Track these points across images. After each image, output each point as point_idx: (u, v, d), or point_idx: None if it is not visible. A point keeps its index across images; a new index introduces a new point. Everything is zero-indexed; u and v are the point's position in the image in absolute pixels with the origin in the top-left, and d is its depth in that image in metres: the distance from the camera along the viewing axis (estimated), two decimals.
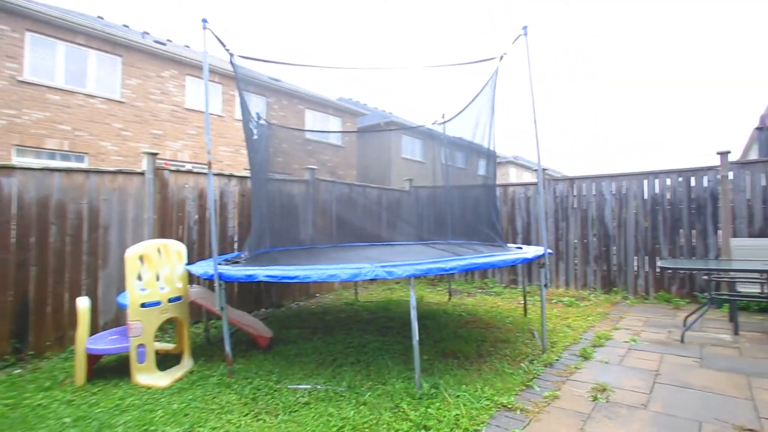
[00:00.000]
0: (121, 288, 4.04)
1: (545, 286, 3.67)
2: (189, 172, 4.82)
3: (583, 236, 6.94)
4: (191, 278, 4.14)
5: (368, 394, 2.76)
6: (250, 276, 2.88)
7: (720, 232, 5.77)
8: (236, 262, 3.80)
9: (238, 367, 3.34)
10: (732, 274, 4.51)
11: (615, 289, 6.52)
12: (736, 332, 4.21)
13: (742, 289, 4.36)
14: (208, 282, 4.68)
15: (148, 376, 3.09)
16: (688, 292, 5.96)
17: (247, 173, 5.27)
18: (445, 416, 2.42)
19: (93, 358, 3.20)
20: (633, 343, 3.95)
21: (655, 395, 2.73)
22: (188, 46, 15.22)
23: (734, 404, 2.58)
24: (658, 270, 6.22)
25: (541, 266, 3.67)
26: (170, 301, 3.33)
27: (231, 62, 3.81)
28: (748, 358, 3.49)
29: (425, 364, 3.37)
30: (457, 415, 2.43)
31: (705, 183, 5.92)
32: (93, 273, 4.09)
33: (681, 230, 6.10)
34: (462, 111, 5.17)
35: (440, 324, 4.86)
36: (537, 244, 7.46)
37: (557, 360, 3.47)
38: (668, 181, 6.22)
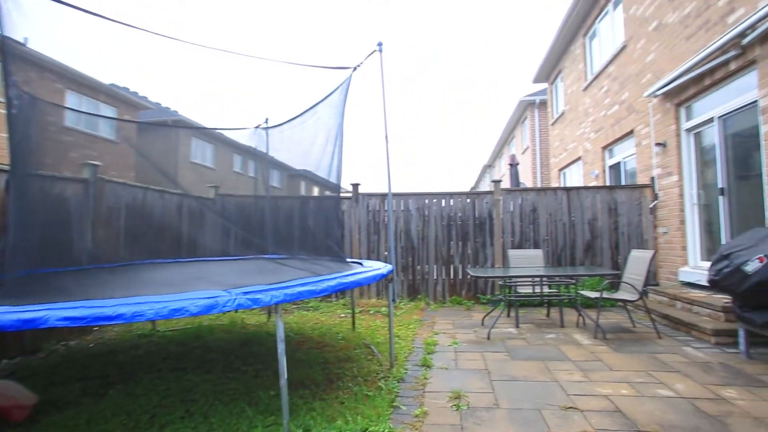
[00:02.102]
0: None
1: (393, 301, 3.74)
2: None
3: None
4: None
5: None
6: (31, 321, 1.86)
7: (495, 243, 7.21)
8: None
9: None
10: (514, 279, 5.62)
11: (419, 296, 7.30)
12: (517, 325, 5.26)
13: (521, 290, 5.52)
14: None
15: None
16: (473, 295, 7.18)
17: None
18: None
19: None
20: (456, 346, 4.43)
21: (498, 393, 3.07)
22: None
23: (549, 387, 3.14)
24: (452, 277, 7.30)
25: (390, 281, 3.73)
26: None
27: None
28: (533, 345, 4.37)
29: (276, 401, 2.91)
30: None
31: (485, 204, 7.33)
32: None
33: (468, 242, 7.35)
34: (299, 116, 4.87)
35: (271, 349, 4.32)
36: (351, 257, 7.73)
37: (406, 373, 3.55)
38: (460, 202, 7.42)
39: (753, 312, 3.53)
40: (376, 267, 3.67)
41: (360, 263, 4.27)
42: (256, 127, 5.80)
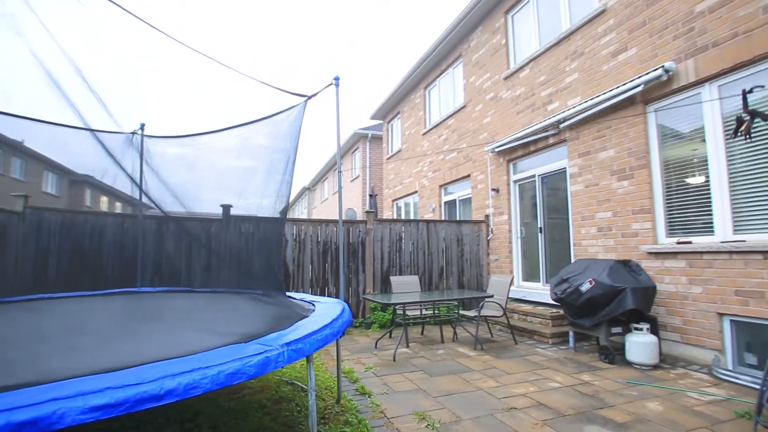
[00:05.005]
0: None
1: (342, 334, 3.77)
2: None
3: None
4: None
5: None
6: (33, 422, 1.32)
7: (366, 270, 7.72)
8: None
9: None
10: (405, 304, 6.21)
11: None
12: (407, 345, 5.85)
13: (410, 313, 6.14)
14: None
15: None
16: None
17: None
18: None
19: None
20: (373, 371, 4.67)
21: (450, 407, 3.50)
22: None
23: (482, 396, 3.75)
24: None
25: None
26: None
27: None
28: (436, 362, 5.00)
29: None
30: None
31: (358, 232, 7.81)
32: None
33: (342, 268, 7.65)
34: (211, 132, 4.37)
35: (186, 402, 3.73)
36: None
37: (356, 403, 3.63)
38: (335, 229, 7.70)
39: (582, 318, 5.01)
40: (327, 301, 3.66)
41: (293, 297, 4.11)
42: (133, 132, 4.83)
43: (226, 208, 7.20)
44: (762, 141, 4.17)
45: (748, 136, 3.21)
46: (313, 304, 3.47)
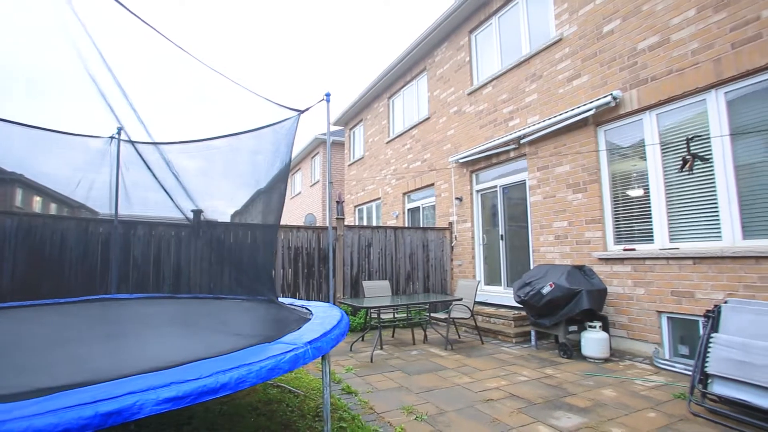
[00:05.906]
0: None
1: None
2: None
3: None
4: None
5: None
6: (116, 413, 1.44)
7: (337, 275, 7.89)
8: None
9: None
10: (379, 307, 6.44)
11: None
12: (381, 347, 6.09)
13: (384, 316, 6.39)
14: None
15: None
16: None
17: None
18: None
19: None
20: (354, 371, 4.87)
21: (434, 402, 3.79)
22: None
23: (460, 391, 4.08)
24: None
25: None
26: None
27: None
28: (412, 362, 5.29)
29: None
30: None
31: (330, 238, 7.96)
32: None
33: (314, 273, 7.77)
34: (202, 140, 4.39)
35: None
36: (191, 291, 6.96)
37: (347, 402, 3.82)
38: (306, 235, 7.81)
39: (543, 318, 5.51)
40: (320, 305, 3.83)
41: (284, 302, 4.23)
42: (111, 137, 4.72)
43: (197, 213, 7.14)
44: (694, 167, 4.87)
45: (690, 172, 3.94)
46: (308, 309, 3.63)
